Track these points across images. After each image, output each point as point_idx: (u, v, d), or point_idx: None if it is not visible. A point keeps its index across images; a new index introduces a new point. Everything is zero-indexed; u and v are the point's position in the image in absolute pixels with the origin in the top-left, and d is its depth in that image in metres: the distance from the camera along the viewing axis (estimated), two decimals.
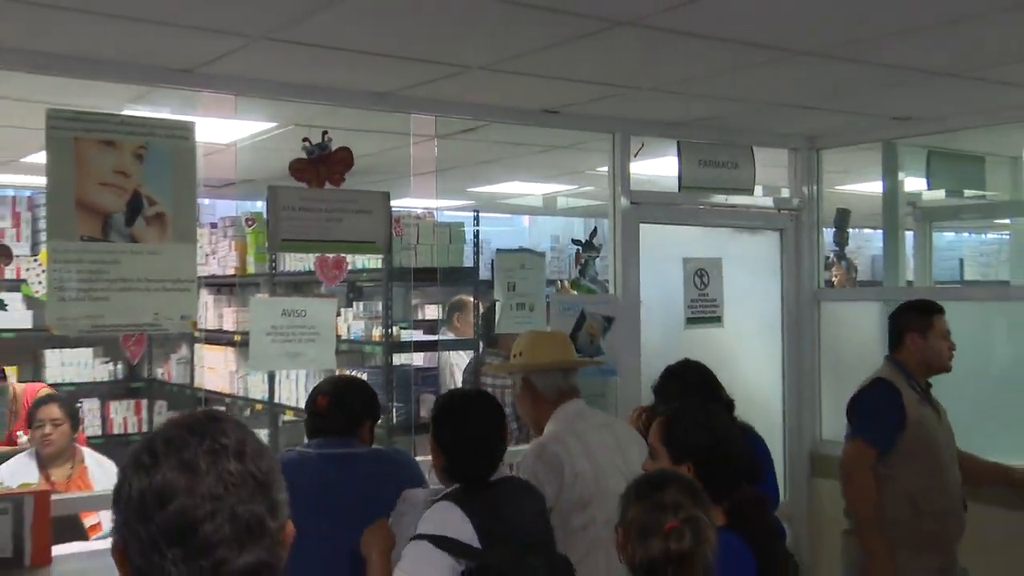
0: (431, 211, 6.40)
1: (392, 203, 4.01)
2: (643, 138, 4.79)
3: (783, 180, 5.51)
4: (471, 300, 6.30)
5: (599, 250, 4.82)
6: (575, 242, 4.85)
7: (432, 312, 7.41)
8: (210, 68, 3.57)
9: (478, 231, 6.26)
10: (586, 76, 3.83)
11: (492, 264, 4.56)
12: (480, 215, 6.60)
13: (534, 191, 7.83)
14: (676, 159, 4.91)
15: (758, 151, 5.16)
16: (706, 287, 5.02)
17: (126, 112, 3.70)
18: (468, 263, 6.17)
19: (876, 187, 5.64)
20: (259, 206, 7.08)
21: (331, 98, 3.97)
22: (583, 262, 4.81)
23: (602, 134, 4.76)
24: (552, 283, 5.51)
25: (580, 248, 4.81)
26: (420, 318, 7.44)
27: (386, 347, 5.79)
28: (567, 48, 3.35)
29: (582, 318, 4.56)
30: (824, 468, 5.05)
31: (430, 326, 6.91)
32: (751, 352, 5.25)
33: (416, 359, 6.30)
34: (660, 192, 5.02)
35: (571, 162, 6.07)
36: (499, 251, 4.56)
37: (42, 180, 3.31)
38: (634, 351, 4.72)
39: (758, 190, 5.28)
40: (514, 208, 9.16)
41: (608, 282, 4.80)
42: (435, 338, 6.46)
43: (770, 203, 5.40)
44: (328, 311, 3.92)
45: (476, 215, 6.53)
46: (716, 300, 5.05)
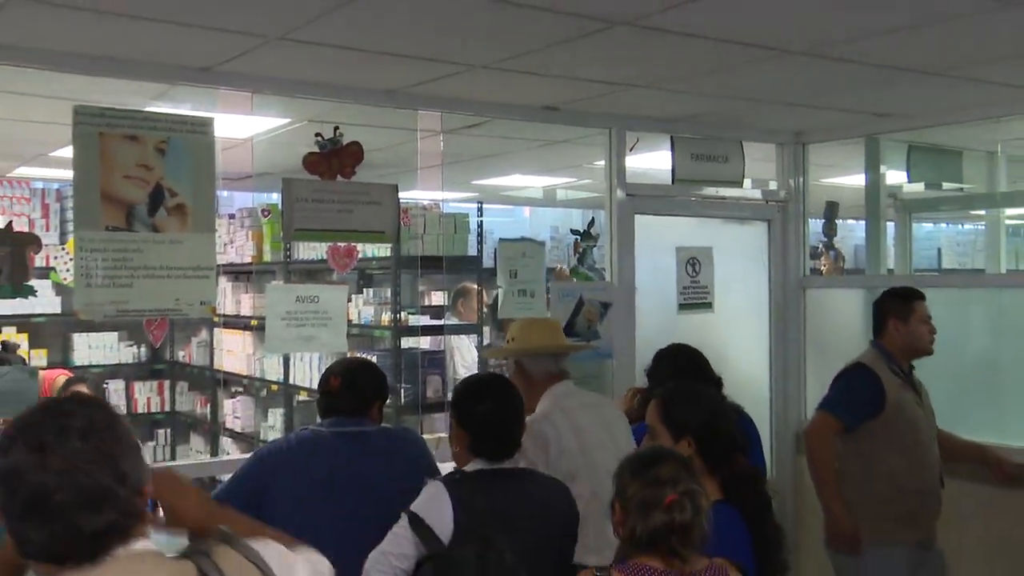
0: (437, 202, 6.40)
1: (400, 195, 4.00)
2: (638, 133, 4.79)
3: (771, 173, 5.50)
4: (475, 287, 6.30)
5: (596, 239, 4.82)
6: (574, 232, 4.84)
7: (438, 298, 7.40)
8: (228, 67, 3.57)
9: (481, 222, 6.27)
10: (585, 74, 3.82)
11: (495, 253, 4.56)
12: (483, 206, 6.60)
13: (535, 184, 7.80)
14: (670, 153, 4.91)
15: (747, 145, 5.17)
16: (698, 275, 5.02)
17: (149, 108, 3.70)
18: (472, 252, 6.17)
19: (859, 180, 5.62)
20: (274, 198, 7.07)
21: (342, 95, 3.97)
22: (581, 251, 4.80)
23: (599, 129, 4.76)
24: (552, 269, 5.51)
25: (578, 238, 4.81)
26: (427, 304, 7.44)
27: (394, 331, 5.80)
28: (567, 48, 3.34)
29: (580, 304, 4.57)
30: None
31: (436, 311, 6.90)
32: (740, 336, 5.25)
33: (423, 343, 6.31)
34: (654, 184, 5.01)
35: (570, 156, 6.06)
36: (501, 240, 4.55)
37: (69, 173, 3.31)
38: (629, 335, 4.73)
39: (747, 183, 5.27)
40: (516, 200, 9.13)
41: (605, 270, 4.80)
42: (441, 323, 6.46)
43: (758, 195, 5.40)
44: (340, 297, 3.91)
45: (480, 206, 6.52)
46: (707, 287, 5.05)
